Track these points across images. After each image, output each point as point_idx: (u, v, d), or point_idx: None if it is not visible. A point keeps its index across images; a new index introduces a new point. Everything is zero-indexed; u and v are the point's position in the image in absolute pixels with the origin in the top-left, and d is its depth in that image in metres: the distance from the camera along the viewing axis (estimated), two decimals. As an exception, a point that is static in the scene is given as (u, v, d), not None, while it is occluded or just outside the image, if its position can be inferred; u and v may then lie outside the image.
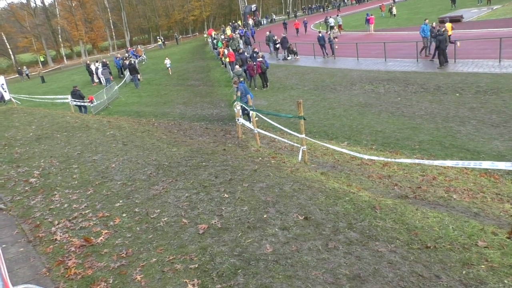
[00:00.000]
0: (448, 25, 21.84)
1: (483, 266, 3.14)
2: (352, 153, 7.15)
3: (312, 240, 3.68)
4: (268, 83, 18.45)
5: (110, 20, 62.33)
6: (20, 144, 8.58)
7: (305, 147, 7.05)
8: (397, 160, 6.81)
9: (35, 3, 59.26)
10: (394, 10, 34.70)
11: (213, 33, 41.26)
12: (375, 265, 3.25)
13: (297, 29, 34.45)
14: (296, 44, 24.78)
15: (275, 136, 8.74)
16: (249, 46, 28.96)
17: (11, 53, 55.05)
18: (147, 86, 25.00)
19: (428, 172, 7.34)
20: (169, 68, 28.29)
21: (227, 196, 4.84)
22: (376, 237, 3.67)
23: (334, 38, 22.48)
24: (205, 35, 52.79)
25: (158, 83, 25.17)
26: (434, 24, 17.39)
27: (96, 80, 28.22)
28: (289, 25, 38.59)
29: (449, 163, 5.79)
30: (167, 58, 29.28)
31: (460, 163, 5.58)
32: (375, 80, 15.77)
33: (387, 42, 19.13)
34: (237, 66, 18.51)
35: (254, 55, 19.95)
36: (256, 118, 9.25)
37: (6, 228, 4.72)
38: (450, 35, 16.92)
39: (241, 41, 32.39)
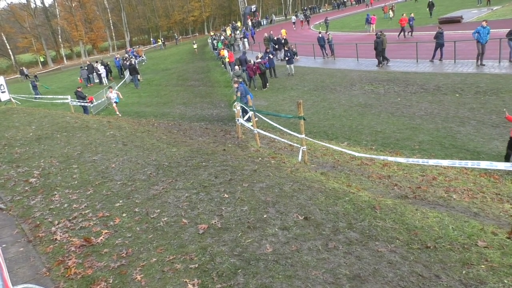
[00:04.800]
0: (283, 31, 23.40)
1: (483, 266, 3.14)
2: (348, 151, 7.16)
3: (312, 240, 3.68)
4: (268, 84, 18.46)
5: (110, 21, 62.32)
6: (20, 144, 8.58)
7: (305, 147, 7.06)
8: (389, 159, 6.82)
9: (35, 3, 59.31)
10: (391, 13, 34.33)
11: (212, 33, 41.25)
12: (375, 265, 3.25)
13: (402, 27, 23.67)
14: (296, 45, 24.78)
15: (275, 137, 8.74)
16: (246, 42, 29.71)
17: (11, 53, 55.06)
18: (147, 87, 25.01)
19: (428, 172, 7.34)
20: (114, 104, 17.17)
21: (227, 196, 4.84)
22: (376, 237, 3.67)
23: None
24: (195, 45, 40.95)
25: (158, 84, 25.18)
26: None
27: (96, 80, 28.45)
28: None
29: (444, 162, 5.79)
30: (111, 90, 18.03)
31: (457, 163, 5.59)
32: (375, 80, 15.78)
33: (387, 43, 19.13)
34: (236, 67, 18.51)
35: (271, 56, 19.94)
36: (256, 119, 9.25)
37: (6, 228, 4.73)
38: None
39: (245, 41, 32.84)
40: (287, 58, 19.84)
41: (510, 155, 7.62)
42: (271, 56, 19.97)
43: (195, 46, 40.47)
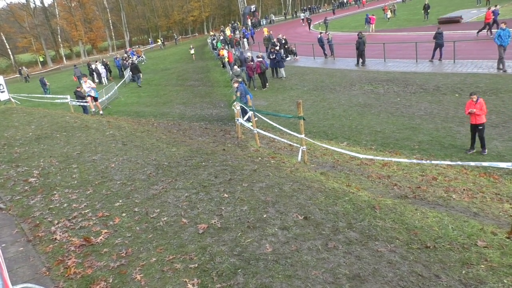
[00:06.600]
0: (265, 29, 23.65)
1: (482, 266, 3.15)
2: (348, 152, 7.16)
3: (312, 240, 3.68)
4: (267, 83, 18.45)
5: (110, 21, 62.30)
6: (20, 143, 8.57)
7: (304, 147, 7.06)
8: (379, 158, 6.82)
9: (34, 3, 59.25)
10: (389, 14, 34.18)
11: (211, 33, 41.20)
12: (374, 264, 3.25)
13: (487, 23, 19.68)
14: (295, 45, 24.80)
15: (274, 136, 8.74)
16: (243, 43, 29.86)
17: (10, 53, 55.01)
18: (147, 86, 24.99)
19: (427, 172, 7.35)
20: (90, 99, 14.89)
21: (226, 196, 4.84)
22: (376, 237, 3.67)
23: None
24: (192, 50, 34.78)
25: (158, 83, 25.17)
26: None
27: (96, 80, 28.48)
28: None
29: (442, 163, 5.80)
30: (85, 79, 16.31)
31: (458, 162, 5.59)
32: (374, 80, 15.78)
33: (387, 43, 19.16)
34: (235, 67, 18.48)
35: (276, 55, 19.42)
36: (256, 119, 9.25)
37: (5, 227, 4.72)
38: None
39: (245, 41, 32.95)
40: (277, 61, 19.11)
41: (474, 143, 8.34)
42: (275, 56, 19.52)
43: (192, 52, 34.62)
